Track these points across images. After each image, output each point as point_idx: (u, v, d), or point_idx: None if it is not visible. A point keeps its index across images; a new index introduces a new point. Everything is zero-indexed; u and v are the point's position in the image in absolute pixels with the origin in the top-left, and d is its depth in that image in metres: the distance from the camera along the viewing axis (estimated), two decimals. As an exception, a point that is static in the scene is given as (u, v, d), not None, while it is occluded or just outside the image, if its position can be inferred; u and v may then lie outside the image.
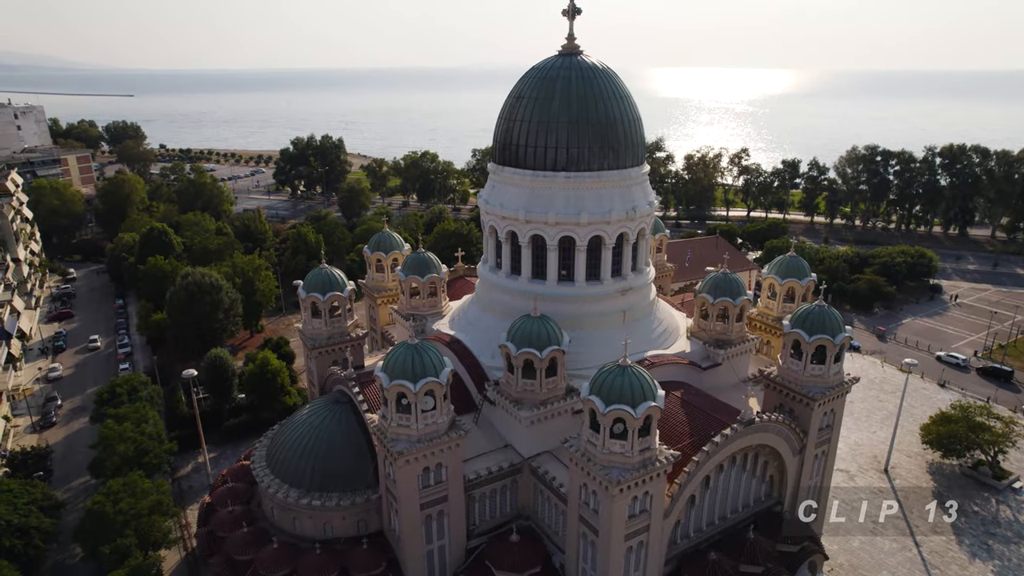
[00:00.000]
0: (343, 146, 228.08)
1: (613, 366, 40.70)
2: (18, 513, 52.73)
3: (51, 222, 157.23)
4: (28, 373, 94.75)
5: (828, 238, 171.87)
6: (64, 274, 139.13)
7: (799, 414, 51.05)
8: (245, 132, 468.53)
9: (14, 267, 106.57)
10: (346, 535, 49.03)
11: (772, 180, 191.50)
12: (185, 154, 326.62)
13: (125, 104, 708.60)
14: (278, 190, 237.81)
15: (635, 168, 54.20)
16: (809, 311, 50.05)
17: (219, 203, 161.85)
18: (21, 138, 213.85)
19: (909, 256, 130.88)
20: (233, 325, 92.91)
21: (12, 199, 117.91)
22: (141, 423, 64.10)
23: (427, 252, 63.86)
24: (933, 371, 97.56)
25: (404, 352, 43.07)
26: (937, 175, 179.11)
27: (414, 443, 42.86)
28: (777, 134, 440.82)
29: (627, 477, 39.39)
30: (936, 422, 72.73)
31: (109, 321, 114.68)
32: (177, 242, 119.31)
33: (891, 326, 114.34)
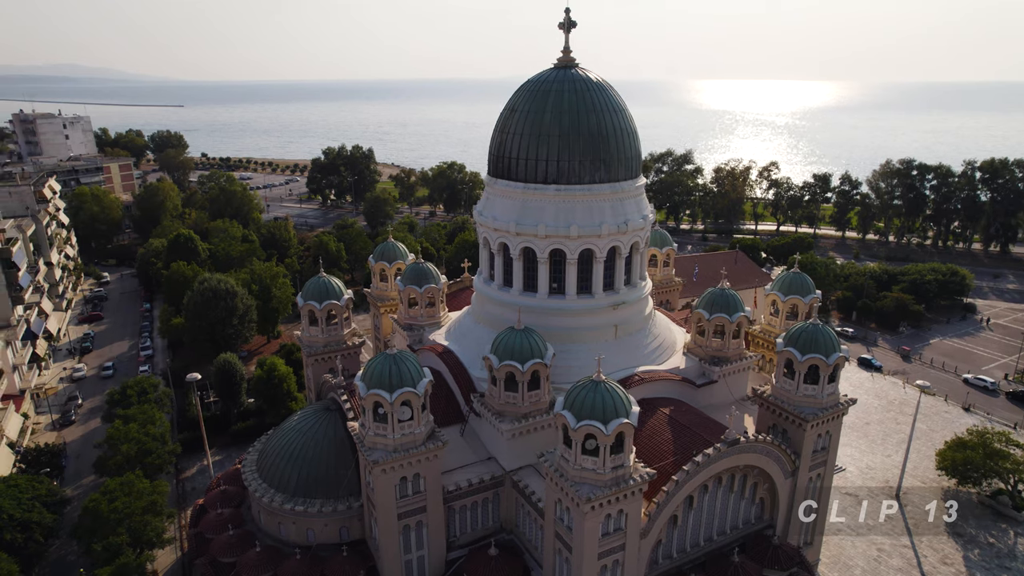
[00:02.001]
0: (373, 156, 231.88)
1: (587, 381, 40.29)
2: (21, 508, 54.56)
3: (90, 227, 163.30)
4: (55, 373, 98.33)
5: (859, 254, 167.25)
6: (98, 278, 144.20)
7: (792, 435, 49.78)
8: (283, 142, 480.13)
9: (46, 270, 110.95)
10: (329, 542, 49.44)
11: (802, 194, 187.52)
12: (225, 162, 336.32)
13: (174, 114, 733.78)
14: (310, 199, 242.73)
15: (628, 181, 53.76)
16: (803, 329, 48.83)
17: (248, 211, 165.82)
18: (69, 147, 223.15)
19: (940, 274, 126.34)
20: (248, 331, 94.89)
21: (48, 205, 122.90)
22: (147, 424, 65.76)
23: (426, 263, 64.21)
24: (958, 394, 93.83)
25: (382, 362, 43.41)
26: (977, 190, 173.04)
27: (390, 452, 43.07)
28: (820, 147, 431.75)
29: (598, 494, 38.83)
30: (951, 447, 69.84)
31: (136, 324, 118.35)
32: (202, 248, 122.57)
33: (917, 346, 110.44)
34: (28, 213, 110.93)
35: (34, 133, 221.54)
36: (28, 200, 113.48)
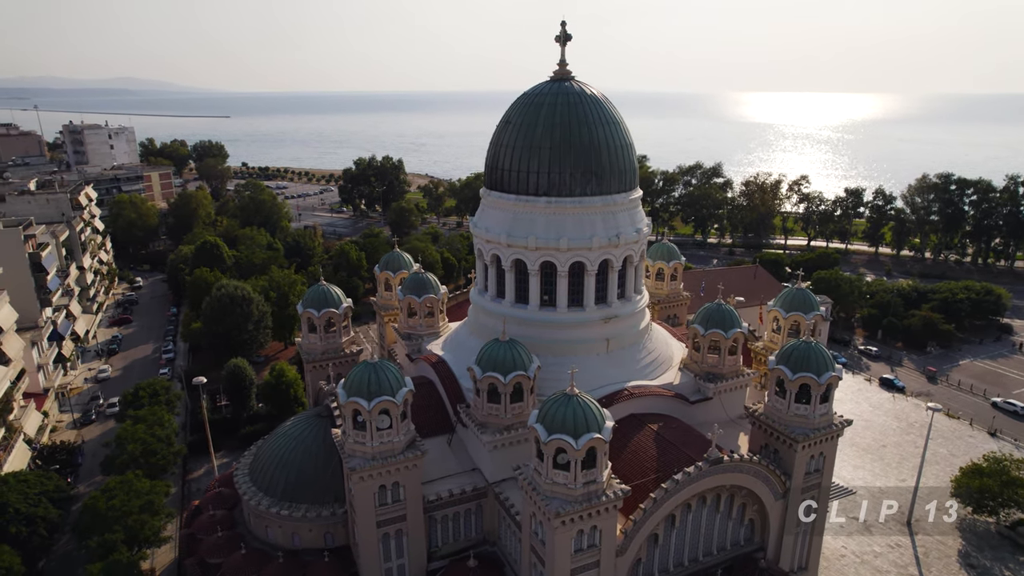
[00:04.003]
0: (402, 167, 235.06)
1: (560, 395, 40.05)
2: (28, 502, 56.60)
3: (128, 233, 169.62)
4: (81, 373, 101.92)
5: (891, 270, 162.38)
6: (132, 282, 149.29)
7: (783, 456, 48.49)
8: (320, 152, 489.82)
9: (78, 274, 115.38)
10: (314, 546, 49.99)
11: (833, 208, 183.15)
12: (263, 172, 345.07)
13: (220, 124, 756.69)
14: (341, 208, 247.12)
15: (621, 194, 53.37)
16: (795, 347, 47.69)
17: (277, 219, 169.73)
18: (113, 156, 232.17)
19: (974, 292, 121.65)
20: (263, 336, 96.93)
21: (84, 212, 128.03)
22: (155, 426, 67.59)
23: (426, 273, 64.79)
24: (985, 418, 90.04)
25: (362, 370, 43.86)
26: (1021, 206, 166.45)
27: (368, 460, 43.41)
28: (863, 161, 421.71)
29: (568, 509, 38.46)
30: (966, 474, 66.98)
31: (162, 327, 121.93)
32: (228, 255, 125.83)
33: (945, 367, 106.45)
34: (63, 219, 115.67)
35: (82, 143, 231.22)
36: (64, 207, 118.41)
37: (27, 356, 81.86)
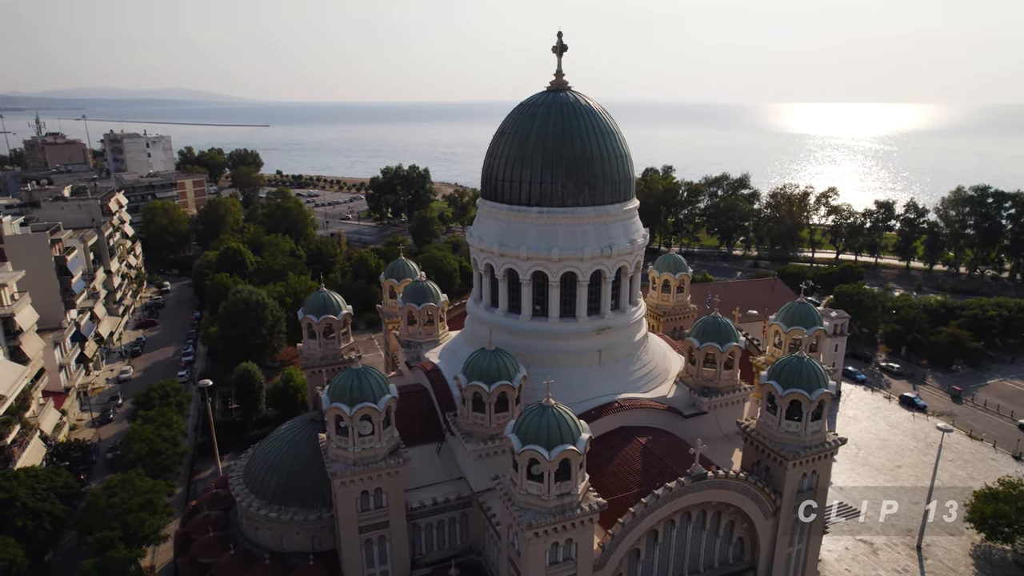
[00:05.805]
0: (428, 176, 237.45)
1: (535, 405, 39.88)
2: (35, 497, 58.45)
3: (160, 239, 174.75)
4: (104, 374, 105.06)
5: (921, 285, 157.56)
6: (160, 286, 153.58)
7: (774, 473, 47.39)
8: (352, 161, 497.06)
9: (105, 278, 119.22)
10: (301, 550, 50.40)
11: (863, 221, 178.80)
12: (296, 180, 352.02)
13: (259, 133, 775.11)
14: (369, 216, 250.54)
15: (615, 205, 53.09)
16: (786, 362, 46.68)
17: (302, 226, 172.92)
18: (150, 164, 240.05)
19: (1006, 309, 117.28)
20: (277, 341, 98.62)
21: (113, 217, 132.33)
22: (162, 426, 69.25)
23: (427, 281, 65.28)
24: (1010, 440, 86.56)
25: (345, 376, 44.34)
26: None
27: (349, 466, 43.77)
28: (904, 173, 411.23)
29: (541, 521, 38.16)
30: (980, 499, 64.40)
31: (185, 331, 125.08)
32: (251, 261, 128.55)
33: (971, 386, 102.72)
34: (93, 225, 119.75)
35: (121, 152, 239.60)
36: (95, 212, 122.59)
37: (48, 356, 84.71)
